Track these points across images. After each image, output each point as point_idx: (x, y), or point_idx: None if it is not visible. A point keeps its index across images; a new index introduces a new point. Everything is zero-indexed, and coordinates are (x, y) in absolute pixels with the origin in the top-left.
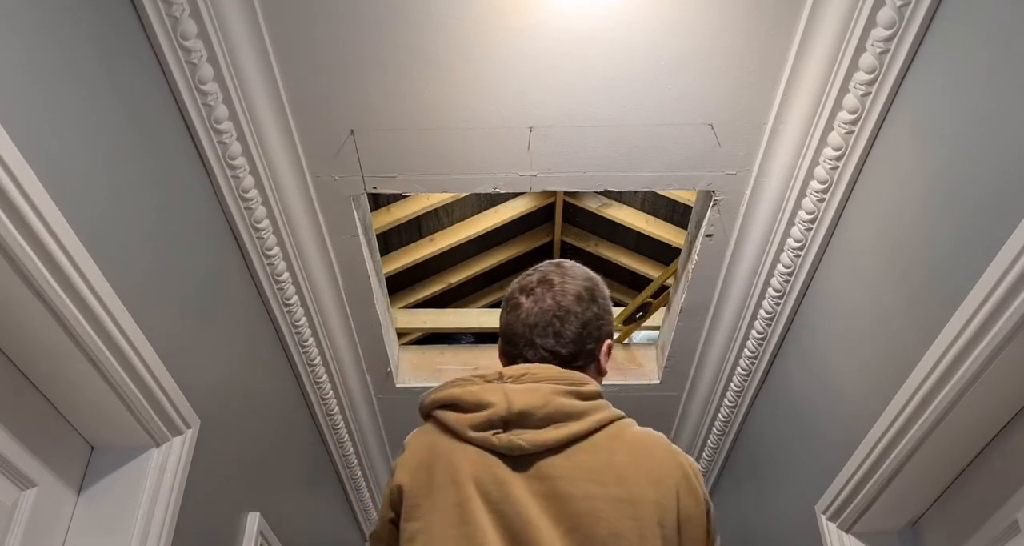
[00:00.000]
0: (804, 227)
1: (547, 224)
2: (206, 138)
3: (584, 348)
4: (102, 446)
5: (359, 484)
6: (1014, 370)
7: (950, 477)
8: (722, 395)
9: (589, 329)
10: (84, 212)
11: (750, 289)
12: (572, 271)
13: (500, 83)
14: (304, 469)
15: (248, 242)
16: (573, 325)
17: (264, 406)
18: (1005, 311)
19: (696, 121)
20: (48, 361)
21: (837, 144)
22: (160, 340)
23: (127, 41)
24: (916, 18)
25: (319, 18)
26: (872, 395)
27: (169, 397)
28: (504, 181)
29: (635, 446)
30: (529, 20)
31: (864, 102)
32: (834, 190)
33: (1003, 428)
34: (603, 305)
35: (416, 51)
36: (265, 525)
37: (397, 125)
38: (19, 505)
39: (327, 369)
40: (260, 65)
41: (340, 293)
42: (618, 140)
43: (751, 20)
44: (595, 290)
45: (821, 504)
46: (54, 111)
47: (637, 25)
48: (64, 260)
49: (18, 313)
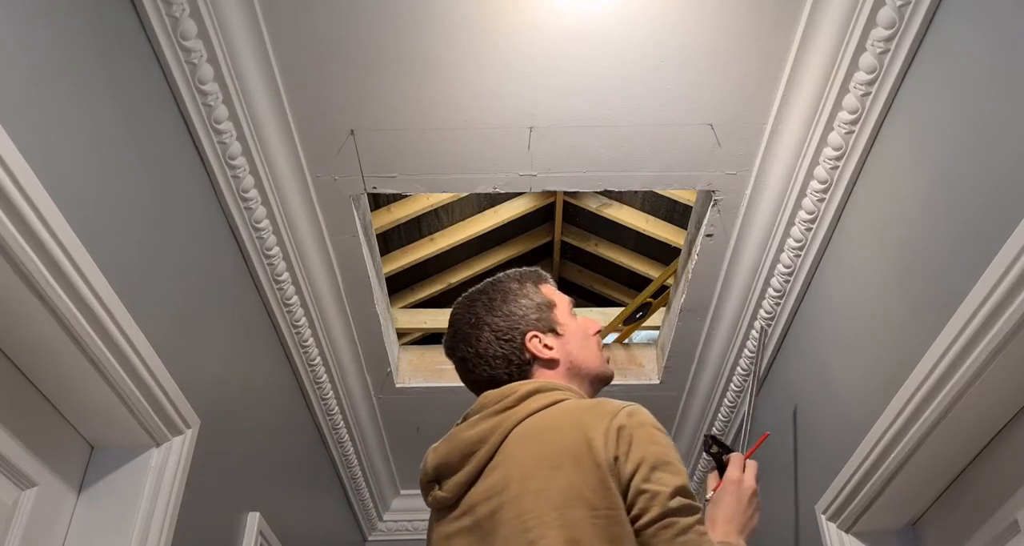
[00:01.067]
0: (804, 227)
1: (547, 224)
2: (206, 138)
3: (505, 369)
4: (102, 446)
5: (359, 484)
6: (1014, 370)
7: (950, 477)
8: (722, 395)
9: (491, 351)
10: (84, 212)
11: (750, 289)
12: (459, 309)
13: (500, 83)
14: (304, 469)
15: (248, 242)
16: (480, 366)
17: (264, 406)
18: (1005, 311)
19: (696, 121)
20: (48, 361)
21: (837, 144)
22: (160, 340)
23: (127, 41)
24: (916, 18)
25: (319, 18)
26: (872, 395)
27: (169, 397)
28: (504, 181)
29: (539, 433)
30: (530, 20)
31: (864, 102)
32: (834, 190)
33: (1003, 428)
34: (493, 321)
35: (416, 51)
36: (265, 525)
37: (397, 125)
38: (19, 505)
39: (327, 369)
40: (260, 65)
41: (340, 293)
42: (618, 140)
43: (751, 20)
44: (479, 312)
45: (821, 504)
46: (54, 111)
47: (637, 25)
48: (64, 260)
49: (18, 313)
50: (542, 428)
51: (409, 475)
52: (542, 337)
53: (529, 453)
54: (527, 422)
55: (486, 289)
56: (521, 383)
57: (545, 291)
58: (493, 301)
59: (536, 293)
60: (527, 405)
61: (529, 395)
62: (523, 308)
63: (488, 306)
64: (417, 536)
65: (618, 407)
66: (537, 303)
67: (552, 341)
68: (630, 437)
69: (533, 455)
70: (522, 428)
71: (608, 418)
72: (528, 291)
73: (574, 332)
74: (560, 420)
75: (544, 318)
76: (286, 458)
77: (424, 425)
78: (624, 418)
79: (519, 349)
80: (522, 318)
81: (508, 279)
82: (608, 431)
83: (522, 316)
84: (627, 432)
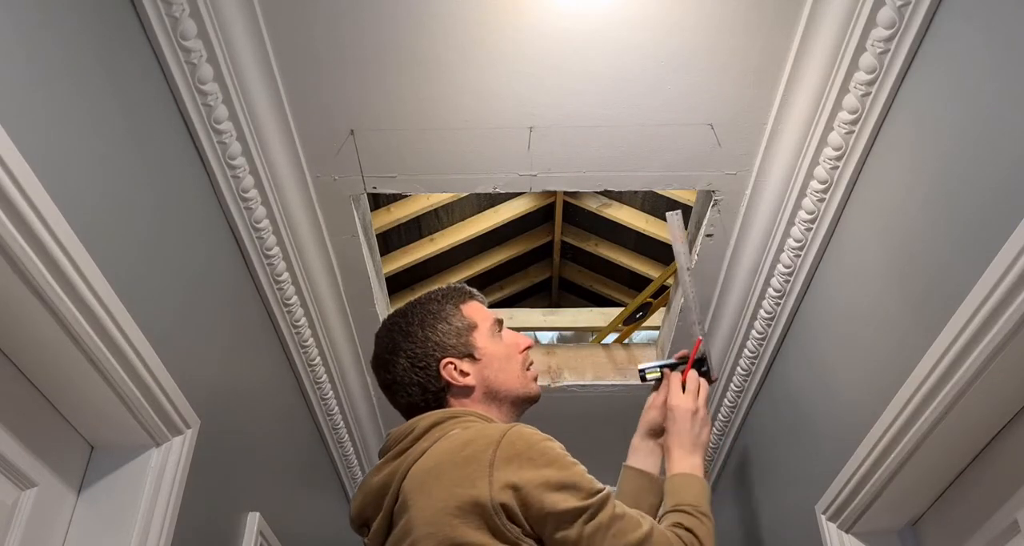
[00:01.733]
0: (804, 227)
1: (547, 224)
2: (206, 138)
3: (421, 397)
4: (102, 446)
5: (359, 484)
6: (1014, 370)
7: (950, 477)
8: (722, 395)
9: (407, 378)
10: (83, 212)
11: (750, 289)
12: (380, 333)
13: (500, 83)
14: (304, 469)
15: (248, 242)
16: (399, 393)
17: (264, 406)
18: (1005, 311)
19: (696, 121)
20: (48, 361)
21: (837, 144)
22: (160, 340)
23: (127, 41)
24: (916, 18)
25: (319, 18)
26: (872, 395)
27: (169, 397)
28: (504, 181)
29: (426, 475)
30: (530, 20)
31: (864, 102)
32: (834, 190)
33: (1003, 428)
34: (408, 347)
35: (416, 51)
36: (265, 525)
37: (397, 125)
38: (19, 505)
39: (327, 369)
40: (260, 65)
41: (340, 293)
42: (618, 140)
43: (751, 20)
44: (396, 338)
45: (821, 504)
46: (54, 111)
47: (638, 25)
48: (64, 260)
49: (18, 313)
50: (427, 470)
51: None
52: (457, 363)
53: (423, 496)
54: (418, 464)
55: (407, 311)
56: (423, 417)
57: (468, 311)
58: (411, 325)
59: (456, 315)
60: (419, 446)
61: (426, 432)
62: (439, 334)
63: (405, 332)
64: None
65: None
66: (456, 327)
67: (468, 367)
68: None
69: (426, 498)
70: (415, 470)
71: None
72: (447, 313)
73: (493, 355)
74: (440, 462)
75: (461, 343)
76: (286, 458)
77: None
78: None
79: (434, 377)
80: (437, 345)
81: (430, 300)
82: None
83: (437, 342)
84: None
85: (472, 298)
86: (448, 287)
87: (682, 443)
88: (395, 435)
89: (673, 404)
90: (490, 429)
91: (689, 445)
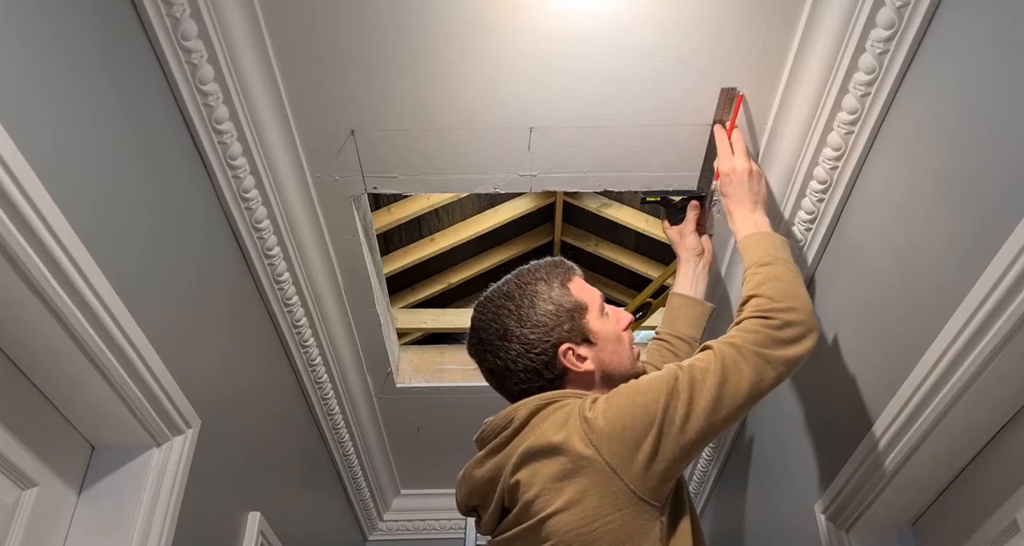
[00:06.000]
0: (804, 227)
1: (547, 224)
2: (206, 138)
3: (536, 382)
4: (102, 446)
5: (359, 484)
6: (1014, 370)
7: (950, 477)
8: None
9: (522, 365)
10: (84, 212)
11: None
12: (484, 315)
13: (500, 83)
14: (304, 469)
15: (248, 242)
16: (510, 379)
17: (264, 406)
18: (1005, 311)
19: (696, 121)
20: (48, 361)
21: (837, 144)
22: (160, 340)
23: (127, 41)
24: (916, 18)
25: (319, 18)
26: (872, 395)
27: (169, 397)
28: (504, 181)
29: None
30: (530, 21)
31: (864, 102)
32: (834, 190)
33: (1003, 428)
34: (523, 333)
35: (417, 51)
36: (265, 525)
37: (397, 125)
38: (19, 505)
39: (327, 369)
40: (260, 65)
41: (340, 293)
42: (618, 140)
43: (751, 20)
44: (508, 324)
45: (821, 504)
46: (54, 111)
47: (638, 26)
48: (64, 260)
49: (18, 313)
50: (536, 451)
51: (409, 475)
52: (576, 348)
53: (539, 474)
54: (522, 449)
55: (511, 293)
56: (519, 406)
57: (575, 291)
58: (521, 309)
59: (566, 296)
60: (523, 436)
61: (525, 424)
62: (554, 317)
63: (516, 315)
64: (417, 536)
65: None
66: (568, 310)
67: (586, 351)
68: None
69: (542, 476)
70: (521, 455)
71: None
72: (556, 295)
73: (607, 337)
74: (527, 438)
75: (576, 327)
76: (287, 458)
77: (424, 425)
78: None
79: (552, 363)
80: (553, 329)
81: (534, 279)
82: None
83: (553, 327)
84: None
85: (576, 273)
86: (547, 262)
87: (743, 203)
88: (492, 425)
89: (726, 169)
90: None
91: (750, 204)
